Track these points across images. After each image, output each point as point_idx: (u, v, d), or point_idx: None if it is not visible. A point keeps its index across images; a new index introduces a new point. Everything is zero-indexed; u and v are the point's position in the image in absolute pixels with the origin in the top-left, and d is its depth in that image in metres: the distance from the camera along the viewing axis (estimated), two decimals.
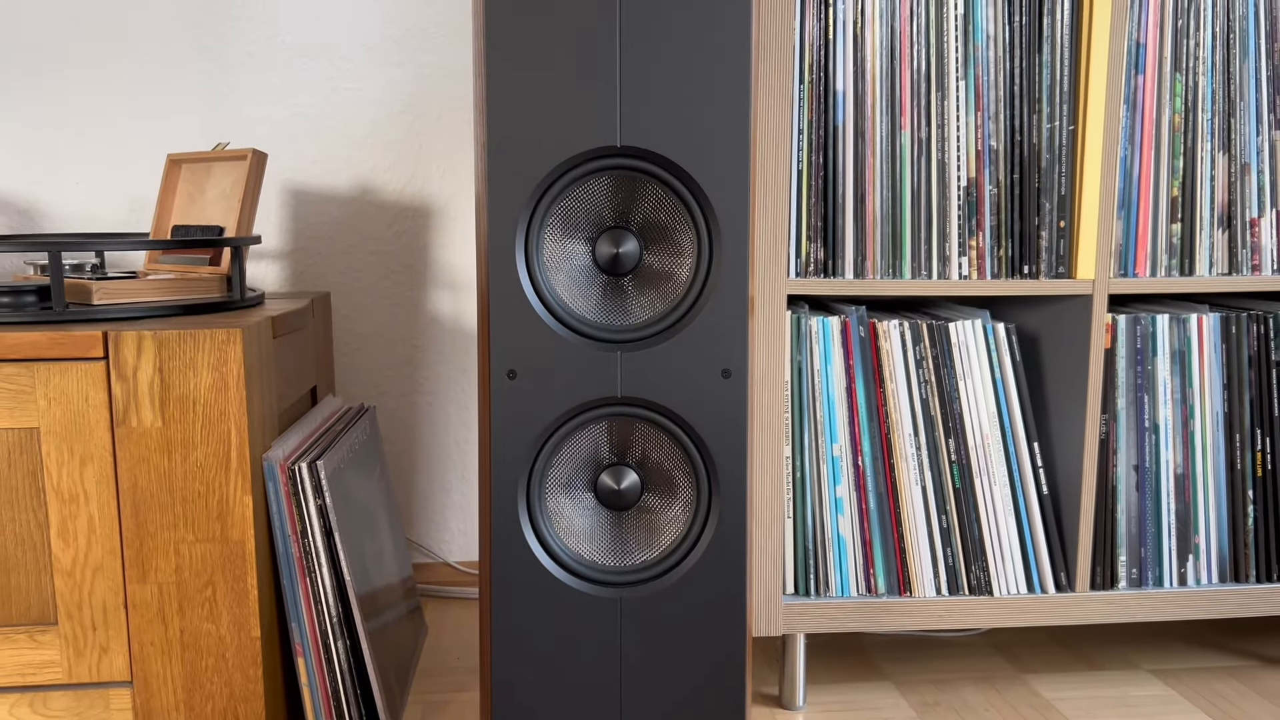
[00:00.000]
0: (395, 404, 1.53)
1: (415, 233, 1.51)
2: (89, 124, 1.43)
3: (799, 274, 1.12)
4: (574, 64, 0.79)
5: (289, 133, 1.46)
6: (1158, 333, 1.16)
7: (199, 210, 1.26)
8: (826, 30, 1.08)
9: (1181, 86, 1.13)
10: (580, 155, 0.80)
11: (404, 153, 1.49)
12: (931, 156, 1.11)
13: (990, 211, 1.12)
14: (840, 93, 1.09)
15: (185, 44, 1.42)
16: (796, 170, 1.10)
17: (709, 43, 0.80)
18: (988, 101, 1.11)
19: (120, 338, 0.96)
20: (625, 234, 0.82)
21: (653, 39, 0.79)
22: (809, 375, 1.13)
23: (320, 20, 1.44)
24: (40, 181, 1.43)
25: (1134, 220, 1.14)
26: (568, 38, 0.79)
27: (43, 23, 1.40)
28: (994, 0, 1.09)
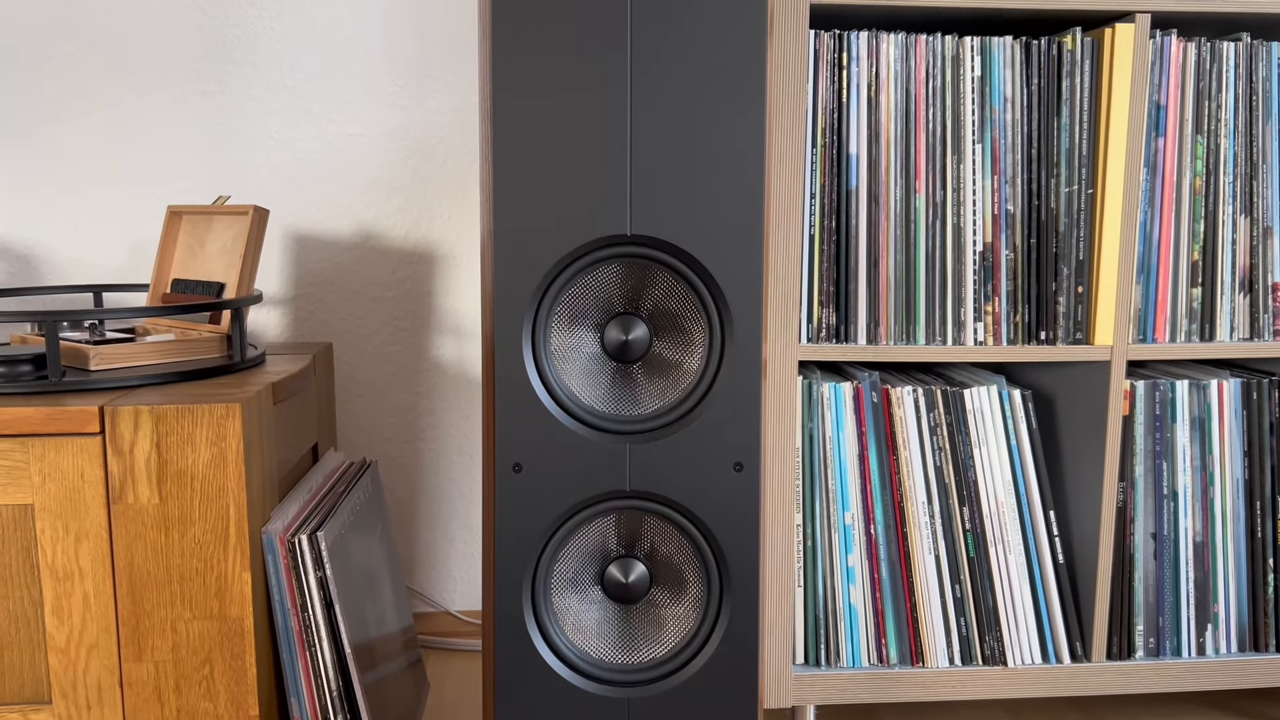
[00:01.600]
0: (398, 451, 1.51)
1: (418, 278, 1.49)
2: (89, 169, 1.40)
3: (811, 339, 1.09)
4: (583, 150, 0.77)
5: (292, 178, 1.44)
6: (1177, 399, 1.13)
7: (199, 264, 1.24)
8: (840, 94, 1.06)
9: (1203, 149, 1.10)
10: (589, 244, 0.77)
11: (408, 198, 1.46)
12: (947, 220, 1.08)
13: (1007, 276, 1.10)
14: (854, 156, 1.07)
15: (187, 89, 1.40)
16: (809, 234, 1.08)
17: (722, 128, 0.77)
18: (1005, 165, 1.08)
19: (117, 413, 0.93)
20: (635, 320, 0.80)
21: (663, 125, 0.77)
22: (821, 442, 1.11)
23: (324, 66, 1.42)
24: (40, 227, 1.41)
25: (1154, 284, 1.12)
26: (576, 123, 0.77)
27: (43, 69, 1.38)
28: (1012, 62, 1.07)
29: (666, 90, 0.77)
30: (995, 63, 1.07)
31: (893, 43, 1.06)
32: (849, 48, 1.05)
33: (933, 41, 1.06)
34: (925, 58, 1.06)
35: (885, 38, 1.06)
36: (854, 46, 1.05)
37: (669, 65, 0.77)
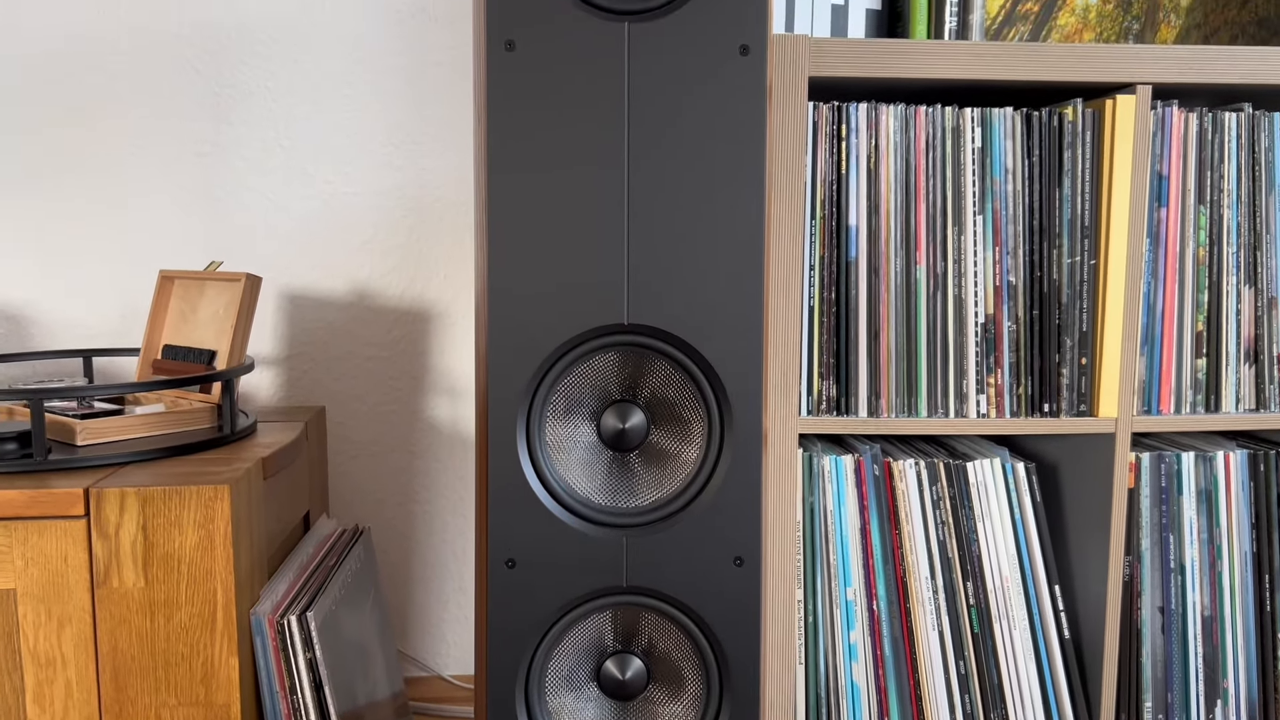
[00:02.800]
0: (391, 513, 1.49)
1: (413, 338, 1.47)
2: (82, 229, 1.39)
3: (811, 411, 1.08)
4: (580, 234, 0.75)
5: (286, 238, 1.42)
6: (1183, 471, 1.11)
7: (191, 330, 1.23)
8: (839, 165, 1.05)
9: (1206, 219, 1.09)
10: (586, 333, 0.76)
11: (403, 257, 1.45)
12: (948, 292, 1.07)
13: (1009, 348, 1.08)
14: (853, 228, 1.06)
15: (182, 149, 1.39)
16: (808, 305, 1.06)
17: (720, 208, 0.76)
18: (1006, 236, 1.07)
19: (103, 495, 0.91)
20: (631, 408, 0.78)
21: (661, 206, 0.76)
22: (822, 516, 1.09)
23: (319, 126, 1.41)
24: (30, 288, 1.40)
25: (1158, 356, 1.10)
26: (573, 206, 0.75)
27: (37, 127, 1.37)
28: (1012, 134, 1.06)
29: (664, 171, 0.76)
30: (996, 134, 1.06)
31: (892, 114, 1.05)
32: (848, 119, 1.05)
33: (933, 113, 1.05)
34: (925, 129, 1.05)
35: (885, 109, 1.05)
36: (853, 118, 1.05)
37: (667, 143, 0.76)
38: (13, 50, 1.35)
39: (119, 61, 1.37)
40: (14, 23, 1.35)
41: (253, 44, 1.39)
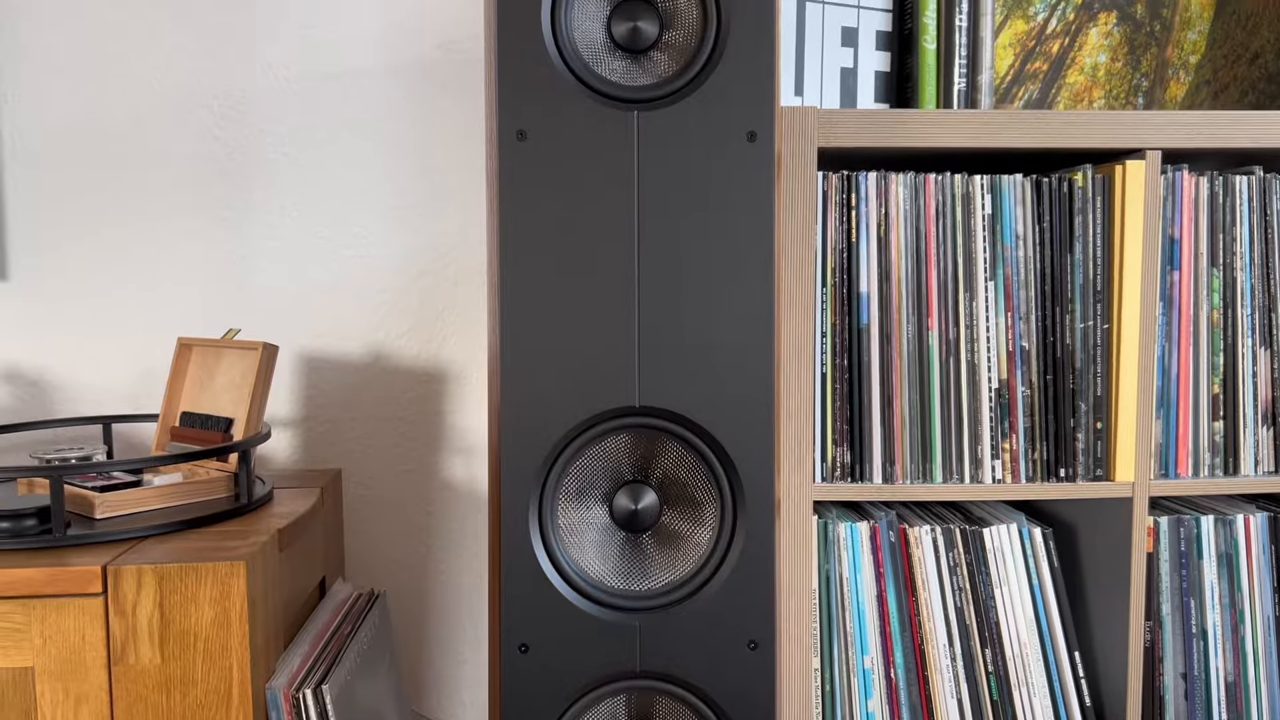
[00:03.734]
0: (406, 573, 1.49)
1: (429, 398, 1.48)
2: (102, 294, 1.41)
3: (825, 478, 1.07)
4: (591, 321, 0.76)
5: (303, 301, 1.44)
6: (1203, 535, 1.10)
7: (209, 397, 1.24)
8: (850, 233, 1.06)
9: (1219, 282, 1.09)
10: (596, 416, 0.76)
11: (419, 319, 1.46)
12: (961, 358, 1.07)
13: (1023, 413, 1.08)
14: (864, 295, 1.06)
15: (201, 215, 1.41)
16: (820, 373, 1.06)
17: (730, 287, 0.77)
18: (1018, 301, 1.07)
19: (120, 573, 0.92)
20: (644, 489, 0.78)
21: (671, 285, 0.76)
22: (838, 584, 1.08)
23: (335, 191, 1.43)
24: (50, 353, 1.42)
25: (1174, 419, 1.09)
26: (584, 296, 0.76)
27: (59, 192, 1.40)
28: (1022, 200, 1.06)
29: (674, 256, 0.77)
30: (1006, 201, 1.06)
31: (902, 183, 1.05)
32: (858, 188, 1.05)
33: (942, 180, 1.06)
34: (935, 197, 1.06)
35: (894, 178, 1.05)
36: (863, 187, 1.05)
37: (676, 229, 0.77)
38: (38, 119, 1.38)
39: (141, 130, 1.40)
40: (39, 90, 1.38)
41: (271, 112, 1.41)
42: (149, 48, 1.39)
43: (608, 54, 0.77)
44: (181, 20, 1.39)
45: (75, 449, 1.20)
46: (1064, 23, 1.37)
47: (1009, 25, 1.36)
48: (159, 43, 1.39)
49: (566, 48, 0.76)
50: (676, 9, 0.77)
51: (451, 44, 1.43)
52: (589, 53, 0.77)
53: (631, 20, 0.76)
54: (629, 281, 0.76)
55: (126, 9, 1.38)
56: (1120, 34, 1.37)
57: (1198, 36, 1.38)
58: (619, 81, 0.77)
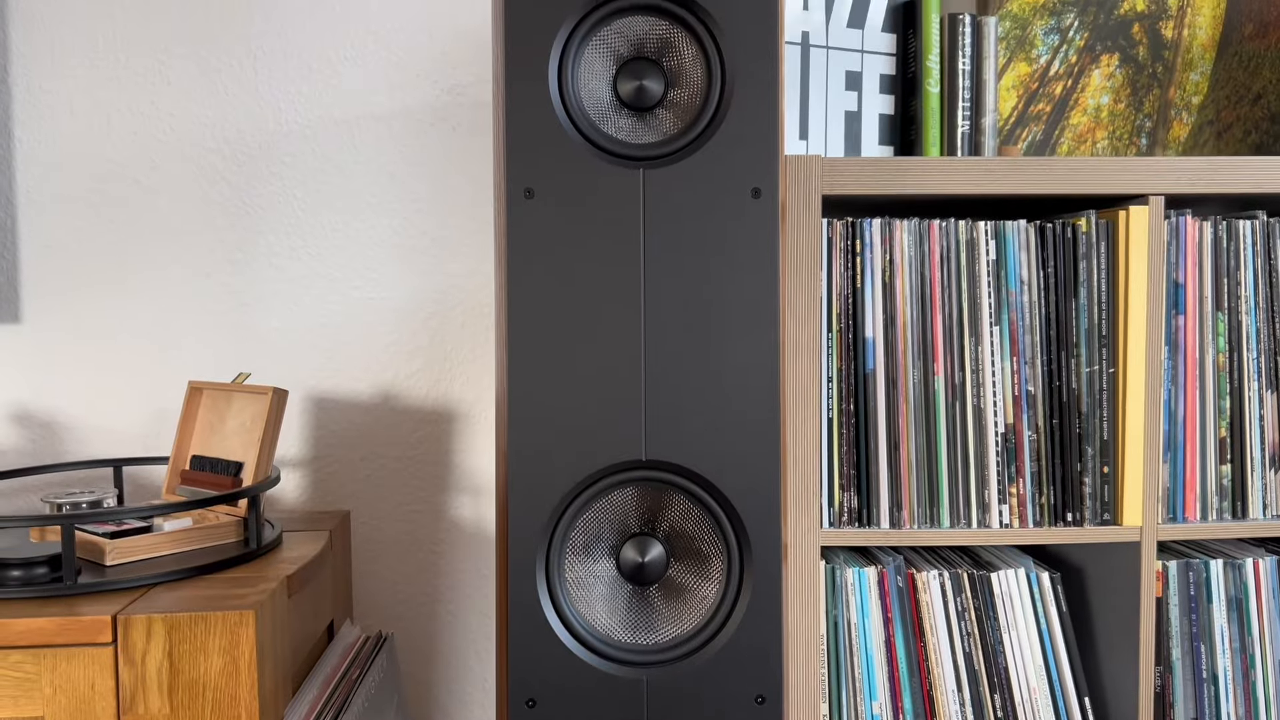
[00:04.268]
0: (414, 614, 1.49)
1: (437, 438, 1.48)
2: (112, 336, 1.42)
3: (833, 523, 1.07)
4: (598, 376, 0.77)
5: (312, 342, 1.45)
6: (1212, 579, 1.10)
7: (219, 441, 1.25)
8: (855, 279, 1.06)
9: (1224, 325, 1.09)
10: (603, 470, 0.77)
11: (427, 359, 1.47)
12: (967, 402, 1.07)
13: (1030, 458, 1.08)
14: (870, 340, 1.07)
15: (213, 258, 1.43)
16: (826, 418, 1.07)
17: (735, 352, 0.77)
18: (1024, 346, 1.07)
19: (130, 622, 0.93)
20: (651, 541, 0.79)
21: (676, 338, 0.77)
22: (846, 629, 1.08)
23: (346, 232, 1.44)
24: (61, 395, 1.43)
25: (1181, 462, 1.09)
26: (591, 350, 0.77)
27: (69, 236, 1.41)
28: (1027, 246, 1.07)
29: (679, 310, 0.77)
30: (1010, 246, 1.07)
31: (906, 229, 1.06)
32: (862, 235, 1.06)
33: (946, 227, 1.06)
34: (939, 243, 1.07)
35: (899, 224, 1.06)
36: (867, 233, 1.06)
37: (682, 283, 0.78)
38: (52, 164, 1.40)
39: (153, 175, 1.42)
40: (53, 135, 1.40)
41: (280, 155, 1.43)
42: (161, 94, 1.41)
43: (614, 112, 0.78)
44: (193, 66, 1.41)
45: (86, 492, 1.21)
46: (1066, 65, 1.38)
47: (1012, 67, 1.38)
48: (171, 88, 1.41)
49: (574, 106, 0.77)
50: (681, 68, 0.78)
51: (460, 88, 1.45)
52: (596, 111, 0.78)
53: (637, 79, 0.77)
54: (635, 336, 0.77)
55: (139, 57, 1.41)
56: (1123, 75, 1.38)
57: (1200, 77, 1.39)
58: (625, 139, 0.78)
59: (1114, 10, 1.38)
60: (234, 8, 1.41)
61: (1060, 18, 1.38)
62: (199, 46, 1.41)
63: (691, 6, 0.77)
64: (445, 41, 1.45)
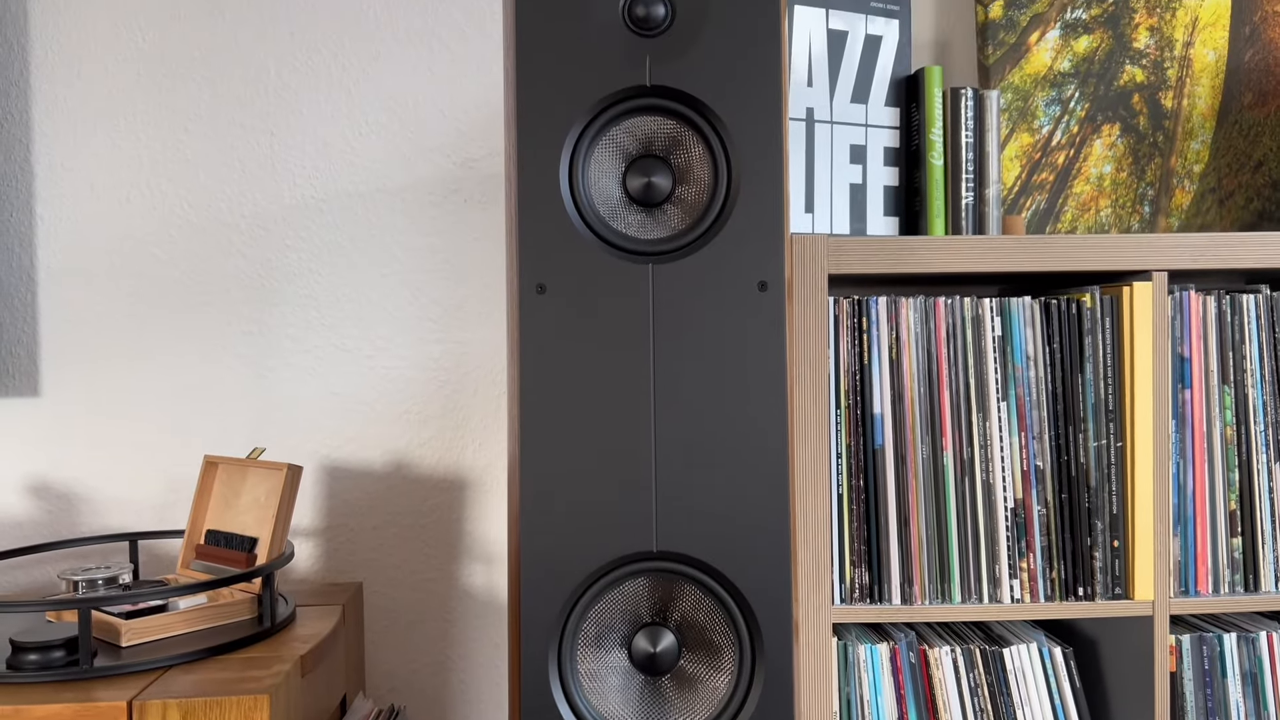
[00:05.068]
0: (426, 682, 1.49)
1: (449, 506, 1.49)
2: (128, 408, 1.44)
3: (844, 599, 1.08)
4: (609, 469, 0.78)
5: (326, 411, 1.47)
6: (1226, 653, 1.10)
7: (234, 516, 1.26)
8: (861, 355, 1.08)
9: (1231, 399, 1.10)
10: (614, 562, 0.77)
11: (440, 427, 1.49)
12: (976, 477, 1.08)
13: (1040, 532, 1.08)
14: (878, 416, 1.08)
15: (228, 330, 1.45)
16: (837, 494, 1.07)
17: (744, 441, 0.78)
18: (1031, 421, 1.08)
19: (145, 708, 0.93)
20: (662, 631, 0.79)
21: (686, 439, 0.78)
22: (858, 706, 1.08)
23: (359, 303, 1.46)
24: (79, 466, 1.44)
25: (1192, 536, 1.10)
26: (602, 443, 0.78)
27: (88, 311, 1.44)
28: (1032, 322, 1.08)
29: (688, 401, 0.79)
30: (1015, 322, 1.08)
31: (911, 306, 1.08)
32: (868, 312, 1.07)
33: (952, 303, 1.08)
34: (945, 319, 1.08)
35: (904, 302, 1.07)
36: (873, 311, 1.07)
37: (690, 375, 0.79)
38: (72, 239, 1.43)
39: (171, 249, 1.45)
40: (74, 211, 1.43)
41: (296, 229, 1.46)
42: (179, 170, 1.44)
43: (623, 208, 0.80)
44: (211, 144, 1.45)
45: (102, 568, 1.22)
46: (1068, 135, 1.40)
47: (1014, 138, 1.40)
48: (188, 164, 1.44)
49: (584, 203, 0.79)
50: (689, 166, 0.80)
51: (472, 161, 1.48)
52: (605, 207, 0.80)
53: (646, 176, 0.79)
54: (646, 427, 0.78)
55: (159, 136, 1.44)
56: (1124, 145, 1.40)
57: (1201, 146, 1.40)
58: (634, 235, 0.80)
59: (1114, 82, 1.40)
60: (252, 88, 1.45)
61: (1061, 89, 1.40)
62: (217, 125, 1.45)
63: (699, 107, 0.79)
64: (458, 116, 1.48)
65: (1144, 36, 1.40)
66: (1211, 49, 1.41)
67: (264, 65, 1.45)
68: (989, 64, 1.39)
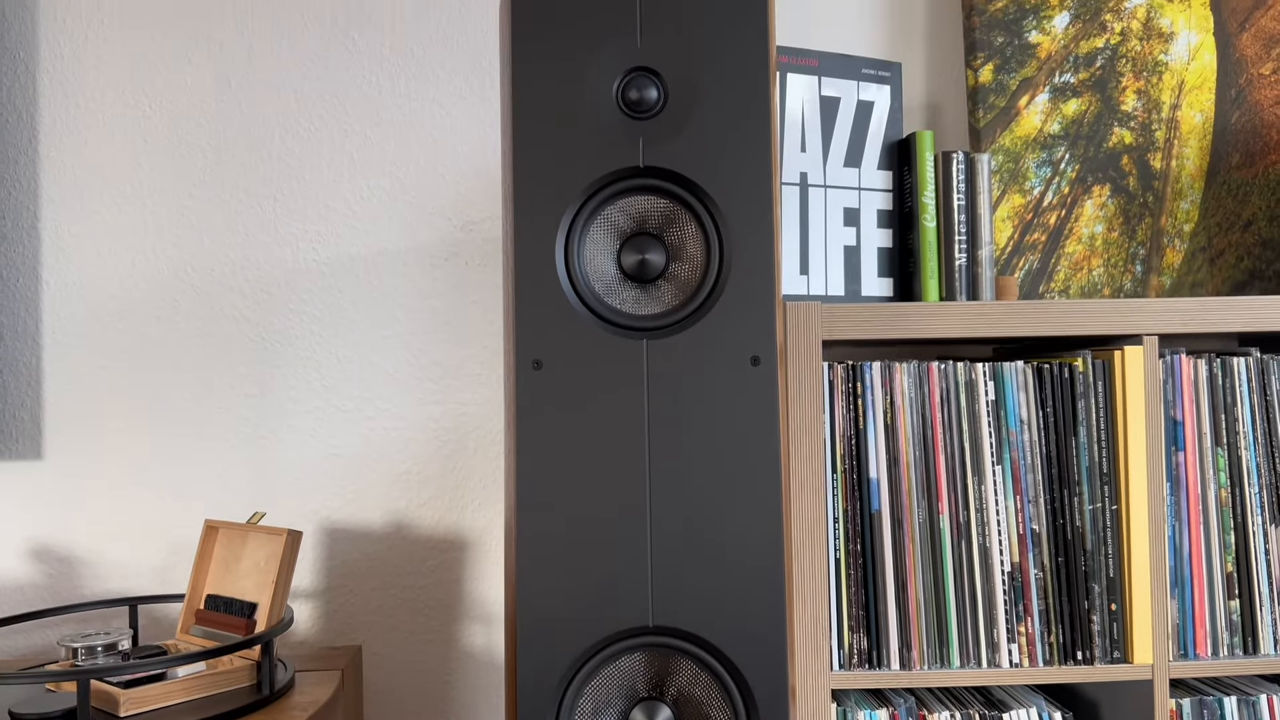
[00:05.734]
0: None
1: (448, 566, 1.49)
2: (130, 471, 1.45)
3: (843, 665, 1.08)
4: (604, 543, 0.78)
5: (326, 473, 1.47)
6: (1227, 716, 1.09)
7: (233, 580, 1.26)
8: (856, 420, 1.08)
9: (1224, 461, 1.10)
10: (610, 637, 0.78)
11: (440, 488, 1.49)
12: (973, 541, 1.08)
13: (1037, 596, 1.08)
14: (874, 480, 1.08)
15: (231, 394, 1.46)
16: (834, 559, 1.08)
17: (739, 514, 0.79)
18: (1026, 484, 1.09)
19: None
20: (659, 706, 0.79)
21: (680, 513, 0.79)
22: None
23: (360, 365, 1.48)
24: (80, 529, 1.45)
25: (1189, 598, 1.10)
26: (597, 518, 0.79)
27: (95, 375, 1.45)
28: (1025, 386, 1.09)
29: (683, 474, 0.79)
30: (1009, 387, 1.09)
31: (906, 371, 1.09)
32: (863, 377, 1.09)
33: (945, 369, 1.09)
34: (939, 384, 1.09)
35: (898, 367, 1.09)
36: (868, 376, 1.09)
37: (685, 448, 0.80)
38: (77, 304, 1.45)
39: (174, 313, 1.46)
40: (79, 276, 1.45)
41: (299, 292, 1.48)
42: (183, 235, 1.47)
43: (618, 284, 0.82)
44: (215, 209, 1.47)
45: (101, 634, 1.22)
46: (1059, 195, 1.42)
47: (1006, 199, 1.42)
48: (192, 229, 1.47)
49: (579, 280, 0.80)
50: (683, 243, 0.82)
51: (472, 224, 1.50)
52: (600, 283, 0.81)
53: (640, 254, 0.81)
54: (640, 502, 0.79)
55: (164, 202, 1.46)
56: (1115, 205, 1.42)
57: (1190, 206, 1.42)
58: (629, 310, 0.81)
59: (1103, 143, 1.43)
60: (256, 154, 1.48)
61: (1051, 151, 1.42)
62: (221, 190, 1.47)
63: (692, 188, 0.80)
64: (458, 181, 1.50)
65: (1131, 99, 1.43)
66: (1198, 111, 1.43)
67: (268, 132, 1.48)
68: (980, 127, 1.42)
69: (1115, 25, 1.43)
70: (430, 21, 1.50)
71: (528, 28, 0.80)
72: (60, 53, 1.46)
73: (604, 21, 0.80)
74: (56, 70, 1.46)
